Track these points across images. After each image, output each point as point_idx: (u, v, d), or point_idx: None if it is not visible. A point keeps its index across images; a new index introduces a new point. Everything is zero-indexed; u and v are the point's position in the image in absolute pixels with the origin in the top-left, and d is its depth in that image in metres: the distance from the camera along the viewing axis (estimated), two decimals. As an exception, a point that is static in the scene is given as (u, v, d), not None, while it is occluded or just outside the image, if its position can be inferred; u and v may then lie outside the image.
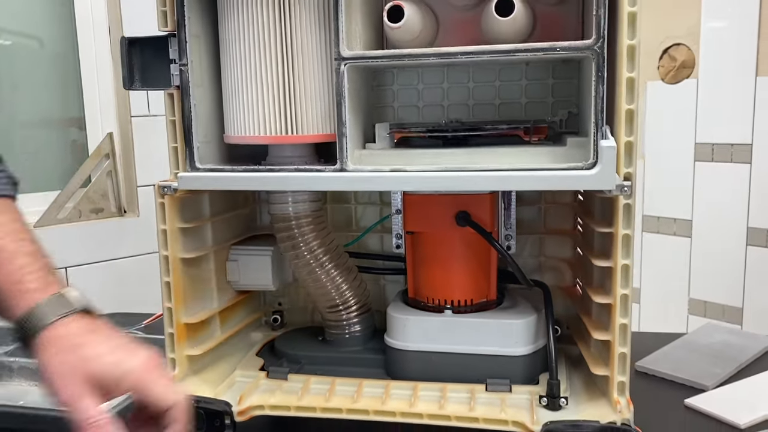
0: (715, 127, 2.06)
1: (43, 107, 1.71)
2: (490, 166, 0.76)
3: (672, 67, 2.14)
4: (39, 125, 1.72)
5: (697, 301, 2.15)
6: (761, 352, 1.07)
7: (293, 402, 0.84)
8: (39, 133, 1.72)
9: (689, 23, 2.06)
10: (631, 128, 0.72)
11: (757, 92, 1.95)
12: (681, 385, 0.97)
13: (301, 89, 0.82)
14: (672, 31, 2.11)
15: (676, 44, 2.13)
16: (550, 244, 0.99)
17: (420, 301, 0.93)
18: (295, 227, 0.91)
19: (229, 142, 0.87)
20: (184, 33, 0.82)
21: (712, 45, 2.03)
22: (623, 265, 0.74)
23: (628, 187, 0.73)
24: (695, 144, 2.10)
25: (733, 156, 2.02)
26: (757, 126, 1.96)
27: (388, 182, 0.79)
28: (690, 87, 2.09)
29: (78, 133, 1.72)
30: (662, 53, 2.16)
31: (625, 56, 0.71)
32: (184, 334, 0.87)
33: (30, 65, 1.69)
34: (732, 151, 2.02)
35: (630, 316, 0.76)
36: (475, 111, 0.97)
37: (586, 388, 0.84)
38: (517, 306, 0.91)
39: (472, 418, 0.80)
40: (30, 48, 1.70)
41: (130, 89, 0.88)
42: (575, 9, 0.88)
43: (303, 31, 0.81)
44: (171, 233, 0.85)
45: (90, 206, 1.64)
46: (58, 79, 1.71)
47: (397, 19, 0.80)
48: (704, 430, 0.84)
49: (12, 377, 1.02)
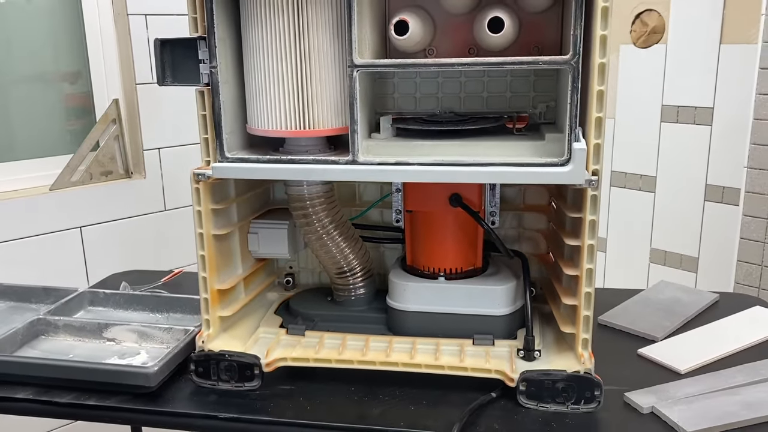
0: (680, 91, 2.20)
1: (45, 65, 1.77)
2: (479, 158, 0.90)
3: (643, 32, 2.26)
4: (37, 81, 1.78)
5: (658, 251, 2.34)
6: (705, 307, 1.25)
7: (311, 355, 1.00)
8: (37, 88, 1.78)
9: (661, -10, 2.18)
10: (599, 132, 0.87)
11: (720, 59, 2.08)
12: (636, 337, 1.15)
13: (315, 89, 0.94)
14: (645, -4, 2.22)
15: (649, 9, 2.24)
16: (528, 218, 1.14)
17: (417, 268, 1.08)
18: (309, 206, 1.05)
19: (252, 133, 1.00)
20: (213, 38, 0.93)
21: (681, 13, 2.15)
22: (589, 244, 0.90)
23: (595, 181, 0.87)
24: (662, 106, 2.25)
25: (696, 118, 2.17)
26: (719, 91, 2.10)
27: (393, 174, 0.92)
28: (659, 52, 2.22)
29: (70, 87, 1.78)
30: (635, 18, 2.28)
31: (597, 72, 0.84)
32: (217, 298, 1.02)
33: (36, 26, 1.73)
34: (695, 113, 2.17)
35: (593, 286, 0.92)
36: (465, 102, 1.10)
37: (556, 342, 1.01)
38: (499, 273, 1.07)
39: (462, 367, 0.96)
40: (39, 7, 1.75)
41: (163, 85, 0.99)
42: (556, 17, 1.01)
43: (318, 38, 0.93)
44: (205, 214, 0.98)
45: (100, 169, 1.75)
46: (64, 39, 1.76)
47: (403, 32, 0.92)
48: (652, 376, 1.02)
49: (58, 333, 1.16)
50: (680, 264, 2.28)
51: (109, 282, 1.46)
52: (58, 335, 1.16)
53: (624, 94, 2.33)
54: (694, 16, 2.12)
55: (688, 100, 2.18)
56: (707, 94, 2.13)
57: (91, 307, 1.28)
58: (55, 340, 1.16)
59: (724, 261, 2.05)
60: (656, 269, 2.35)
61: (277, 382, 1.01)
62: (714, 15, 2.07)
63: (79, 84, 1.79)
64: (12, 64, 1.71)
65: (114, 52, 1.76)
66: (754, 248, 1.88)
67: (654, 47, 2.24)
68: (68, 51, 1.76)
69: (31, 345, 1.14)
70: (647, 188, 2.34)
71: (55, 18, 1.74)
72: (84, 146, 1.72)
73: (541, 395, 0.93)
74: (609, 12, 0.83)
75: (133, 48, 1.74)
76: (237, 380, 1.00)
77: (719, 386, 0.97)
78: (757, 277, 1.88)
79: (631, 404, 0.93)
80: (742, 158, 1.90)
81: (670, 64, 2.21)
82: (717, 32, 2.07)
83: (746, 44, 1.93)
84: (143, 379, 0.97)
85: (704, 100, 2.14)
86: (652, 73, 2.25)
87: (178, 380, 1.03)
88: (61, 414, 1.00)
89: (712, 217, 2.17)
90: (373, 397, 0.97)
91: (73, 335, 1.15)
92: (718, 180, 2.14)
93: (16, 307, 1.30)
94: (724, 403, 0.92)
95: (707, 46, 2.10)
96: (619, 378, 1.00)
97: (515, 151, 0.92)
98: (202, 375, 1.01)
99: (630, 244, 2.41)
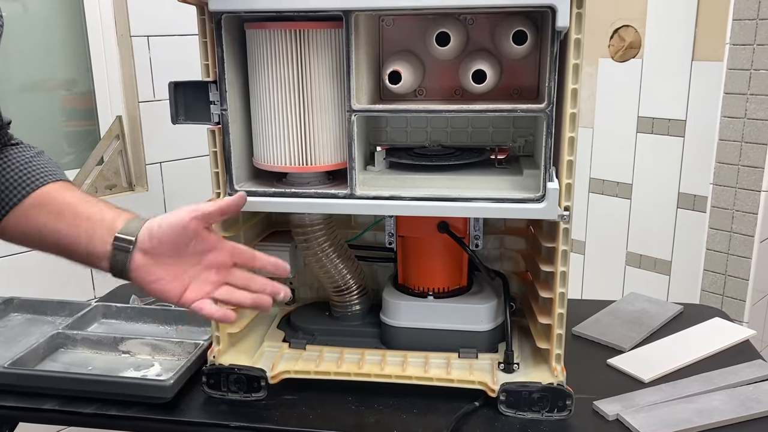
0: (655, 103, 2.32)
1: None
2: (464, 192, 1.01)
3: (621, 47, 2.38)
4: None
5: (634, 255, 2.47)
6: (669, 318, 1.37)
7: (312, 368, 1.10)
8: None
9: (638, 7, 2.29)
10: (570, 173, 0.97)
11: (692, 75, 2.20)
12: (606, 347, 1.27)
13: (316, 129, 1.04)
14: (623, 13, 2.34)
15: (626, 25, 2.35)
16: (508, 240, 1.25)
17: (408, 287, 1.18)
18: (310, 232, 1.15)
19: (258, 167, 1.09)
20: (224, 84, 1.02)
21: (656, 30, 2.27)
22: (562, 271, 1.01)
23: (567, 216, 0.98)
24: (638, 117, 2.37)
25: (670, 129, 2.29)
26: (691, 104, 2.22)
27: (388, 208, 1.03)
28: (636, 66, 2.34)
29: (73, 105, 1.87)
30: (613, 33, 2.39)
31: (568, 121, 0.95)
32: (226, 317, 1.12)
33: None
34: (669, 125, 2.29)
35: (566, 307, 1.03)
36: (452, 135, 1.20)
37: (533, 355, 1.13)
38: (482, 291, 1.18)
39: (449, 379, 1.07)
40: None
41: (176, 123, 1.09)
42: (533, 63, 1.11)
43: (318, 84, 1.02)
44: (216, 242, 1.08)
45: (104, 183, 1.84)
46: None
47: (396, 82, 1.02)
48: (619, 385, 1.14)
49: (76, 346, 1.26)
50: (654, 267, 2.41)
51: (118, 293, 1.55)
52: (76, 348, 1.26)
53: (602, 105, 2.45)
54: (668, 34, 2.24)
55: (663, 113, 2.30)
56: (680, 107, 2.25)
57: (104, 320, 1.38)
58: (73, 353, 1.25)
59: (694, 266, 2.17)
60: (632, 272, 2.47)
61: (281, 392, 1.11)
62: (686, 33, 2.18)
63: (84, 101, 1.88)
64: (11, 74, 1.79)
65: (117, 72, 1.85)
66: (718, 258, 2.01)
67: (631, 61, 2.35)
68: (74, 72, 1.84)
69: (51, 358, 1.23)
70: (624, 195, 2.46)
71: (62, 44, 1.83)
72: (89, 161, 1.81)
73: (519, 404, 1.04)
74: (579, 68, 0.93)
75: (136, 68, 1.83)
76: (245, 391, 1.10)
77: (677, 395, 1.08)
78: (721, 286, 2.01)
79: (600, 412, 1.05)
80: (708, 175, 2.02)
81: (645, 78, 2.33)
82: (689, 49, 2.19)
83: (716, 61, 2.04)
84: (160, 390, 1.08)
85: (677, 112, 2.26)
86: (628, 85, 2.37)
87: (191, 391, 1.13)
88: (86, 423, 1.10)
89: (684, 223, 2.29)
90: (369, 407, 1.08)
91: (91, 348, 1.25)
92: (690, 189, 2.26)
93: (33, 319, 1.40)
94: (681, 411, 1.04)
95: (680, 62, 2.22)
96: (589, 387, 1.11)
97: (496, 185, 1.03)
98: (213, 386, 1.11)
99: (607, 247, 2.53)
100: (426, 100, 1.15)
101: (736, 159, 1.92)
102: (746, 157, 1.91)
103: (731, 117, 1.92)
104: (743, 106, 1.88)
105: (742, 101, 1.88)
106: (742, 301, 1.97)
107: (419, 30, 1.12)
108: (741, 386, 1.10)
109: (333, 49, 1.01)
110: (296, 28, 0.99)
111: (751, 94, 1.86)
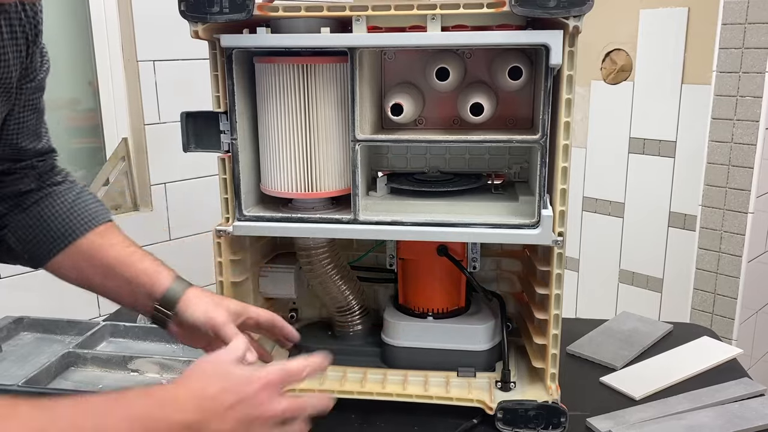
0: (646, 125, 2.38)
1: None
2: (463, 218, 1.06)
3: (612, 70, 2.44)
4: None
5: (626, 272, 2.52)
6: (660, 337, 1.41)
7: (316, 386, 1.14)
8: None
9: (629, 32, 2.36)
10: (564, 201, 1.02)
11: (682, 97, 2.27)
12: (598, 365, 1.31)
13: (321, 157, 1.09)
14: (615, 37, 2.40)
15: (617, 49, 2.42)
16: (505, 262, 1.30)
17: (408, 308, 1.23)
18: (314, 254, 1.20)
19: (265, 192, 1.14)
20: (234, 115, 1.07)
21: (647, 53, 2.34)
22: (556, 294, 1.06)
23: (560, 241, 1.03)
24: (630, 138, 2.43)
25: (660, 150, 2.35)
26: (681, 126, 2.29)
27: (390, 234, 1.08)
28: (627, 88, 2.40)
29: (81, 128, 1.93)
30: (605, 56, 2.46)
31: (561, 151, 1.00)
32: (233, 337, 1.16)
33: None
34: (660, 146, 2.35)
35: (560, 328, 1.07)
36: (450, 162, 1.25)
37: (529, 373, 1.17)
38: (480, 312, 1.23)
39: (448, 397, 1.11)
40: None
41: (187, 151, 1.13)
42: (528, 95, 1.17)
43: (324, 114, 1.07)
44: (225, 265, 1.12)
45: (110, 203, 1.88)
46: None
47: (398, 114, 1.07)
48: (611, 402, 1.18)
49: (86, 365, 1.29)
50: (646, 284, 2.46)
51: (124, 311, 1.59)
52: (86, 367, 1.29)
53: (595, 126, 2.51)
54: (658, 57, 2.31)
55: (653, 134, 2.37)
56: (670, 128, 2.31)
57: (112, 338, 1.41)
58: (84, 371, 1.29)
59: (685, 282, 2.22)
60: (624, 289, 2.53)
61: (286, 410, 1.15)
62: (676, 56, 2.25)
63: (88, 119, 1.93)
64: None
65: (124, 95, 1.90)
66: (707, 277, 2.06)
67: (622, 84, 2.42)
68: (79, 92, 1.90)
69: (63, 376, 1.27)
70: (616, 214, 2.51)
71: (70, 67, 1.88)
72: (96, 182, 1.86)
73: (515, 421, 1.08)
74: (572, 103, 0.98)
75: (142, 91, 1.88)
76: (252, 409, 1.14)
77: (667, 412, 1.13)
78: (710, 304, 2.06)
79: (593, 429, 1.09)
80: (698, 196, 2.08)
81: (636, 100, 2.39)
82: (679, 73, 2.25)
83: (705, 84, 2.11)
84: (170, 408, 1.11)
85: (668, 134, 2.32)
86: (620, 107, 2.43)
87: (199, 408, 1.17)
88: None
89: (675, 241, 2.35)
90: (371, 424, 1.12)
91: (101, 366, 1.29)
92: (681, 208, 2.32)
93: (43, 338, 1.43)
94: (671, 427, 1.08)
95: (670, 85, 2.28)
96: (583, 404, 1.16)
97: (493, 211, 1.08)
98: (220, 404, 1.15)
99: (600, 265, 2.58)
100: (425, 129, 1.21)
101: (724, 182, 1.99)
102: (733, 180, 1.97)
103: (719, 141, 1.99)
104: (730, 131, 1.94)
105: (729, 126, 1.94)
106: (731, 320, 2.03)
107: (419, 63, 1.17)
108: (728, 403, 1.15)
109: (338, 82, 1.06)
110: (303, 62, 1.04)
111: (737, 119, 1.92)
